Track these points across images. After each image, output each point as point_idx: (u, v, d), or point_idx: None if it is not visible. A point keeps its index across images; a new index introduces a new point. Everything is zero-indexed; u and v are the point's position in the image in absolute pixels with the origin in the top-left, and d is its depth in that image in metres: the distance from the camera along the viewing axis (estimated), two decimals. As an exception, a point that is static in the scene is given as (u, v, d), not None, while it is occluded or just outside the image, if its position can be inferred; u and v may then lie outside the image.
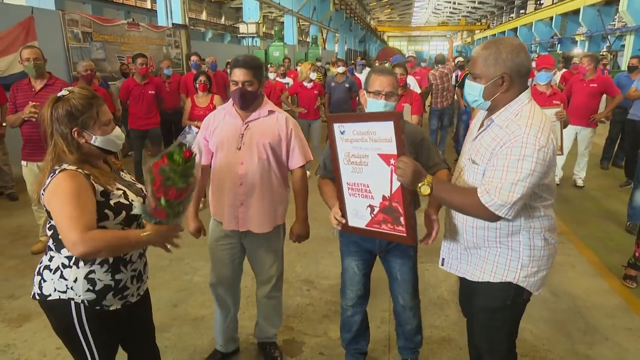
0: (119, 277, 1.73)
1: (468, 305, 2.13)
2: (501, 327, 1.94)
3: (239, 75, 2.22)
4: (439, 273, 3.67)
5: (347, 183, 2.00)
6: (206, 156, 2.44)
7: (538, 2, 30.94)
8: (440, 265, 2.08)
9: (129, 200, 1.72)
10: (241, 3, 18.49)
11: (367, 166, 1.90)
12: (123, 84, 6.11)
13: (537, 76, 5.09)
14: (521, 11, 36.33)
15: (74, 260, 1.66)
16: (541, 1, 29.10)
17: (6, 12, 6.27)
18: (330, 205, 2.17)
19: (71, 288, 1.65)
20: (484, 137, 1.77)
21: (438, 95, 7.66)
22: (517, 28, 30.57)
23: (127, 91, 5.83)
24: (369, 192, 1.94)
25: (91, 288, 1.66)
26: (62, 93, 1.67)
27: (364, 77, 2.43)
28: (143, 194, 1.81)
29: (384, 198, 1.90)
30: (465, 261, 1.95)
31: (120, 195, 1.70)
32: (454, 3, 46.95)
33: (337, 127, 1.94)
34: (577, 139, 6.06)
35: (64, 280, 1.65)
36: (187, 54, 10.15)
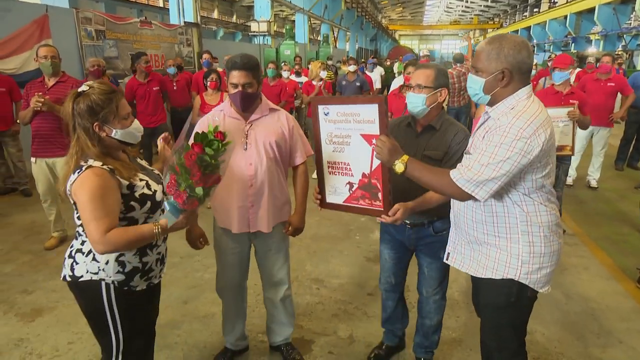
0: (146, 260, 1.85)
1: (477, 302, 2.15)
2: (509, 325, 1.96)
3: (239, 77, 2.16)
4: (451, 274, 3.60)
5: (328, 162, 2.18)
6: None
7: (552, 1, 30.58)
8: (445, 259, 2.11)
9: (152, 189, 1.82)
10: (253, 1, 18.58)
11: (349, 146, 2.08)
12: (127, 85, 6.10)
13: (552, 76, 5.03)
14: (535, 10, 35.96)
15: None
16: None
17: (21, 10, 6.33)
18: None
19: (102, 269, 1.76)
20: (479, 130, 1.83)
21: (454, 94, 7.60)
22: (531, 27, 30.27)
23: (132, 91, 5.83)
24: (349, 170, 2.12)
25: (121, 270, 1.78)
26: (83, 88, 1.73)
27: (375, 76, 2.48)
28: (162, 180, 1.91)
29: (364, 175, 2.08)
30: (468, 257, 1.98)
31: (143, 186, 1.79)
32: (467, 1, 46.61)
33: (322, 109, 2.12)
34: (593, 140, 5.99)
35: (96, 262, 1.76)
36: (199, 52, 10.22)
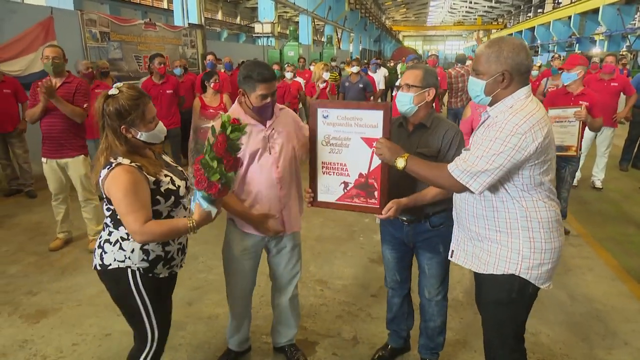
0: (168, 249, 1.99)
1: (479, 300, 2.15)
2: (510, 321, 1.98)
3: (270, 88, 2.18)
4: (454, 274, 3.63)
5: (323, 162, 2.28)
6: None
7: (556, 1, 30.48)
8: (449, 257, 2.13)
9: (176, 185, 1.96)
10: (256, 3, 18.57)
11: (348, 147, 2.20)
12: (142, 84, 6.10)
13: (561, 76, 5.03)
14: (539, 10, 35.84)
15: None
16: (559, 0, 28.67)
17: (26, 13, 6.37)
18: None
19: (129, 258, 1.91)
20: (480, 129, 1.88)
21: (452, 94, 7.59)
22: (535, 27, 30.17)
23: (146, 91, 5.80)
24: (345, 170, 2.24)
25: (145, 258, 1.93)
26: (113, 92, 1.85)
27: (379, 77, 2.53)
28: (185, 177, 2.06)
29: (361, 175, 2.20)
30: (471, 253, 2.01)
31: (168, 182, 1.94)
32: (471, 2, 46.50)
33: (321, 112, 2.22)
34: (597, 140, 5.96)
35: (123, 251, 1.91)
36: (203, 54, 10.23)
